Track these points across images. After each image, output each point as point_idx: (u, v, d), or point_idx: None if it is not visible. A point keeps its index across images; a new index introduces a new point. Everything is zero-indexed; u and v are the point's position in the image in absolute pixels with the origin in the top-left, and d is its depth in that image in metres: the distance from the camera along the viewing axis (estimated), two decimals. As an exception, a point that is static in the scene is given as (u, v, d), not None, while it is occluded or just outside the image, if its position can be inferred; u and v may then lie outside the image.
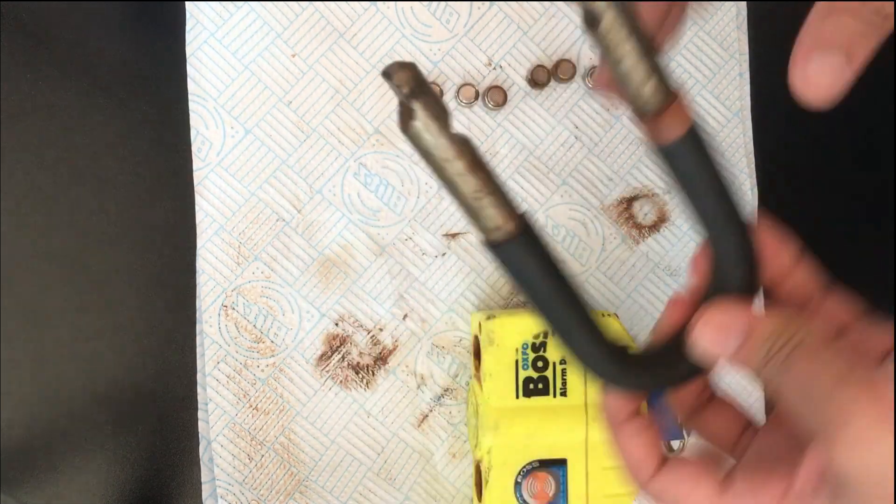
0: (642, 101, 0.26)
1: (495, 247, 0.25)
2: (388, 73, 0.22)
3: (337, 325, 0.47)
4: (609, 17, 0.25)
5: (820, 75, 0.23)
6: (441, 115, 0.23)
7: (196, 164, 0.46)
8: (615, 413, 0.29)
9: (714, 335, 0.25)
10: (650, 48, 0.26)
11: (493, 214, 0.25)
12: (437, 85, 0.47)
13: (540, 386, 0.43)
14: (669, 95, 0.27)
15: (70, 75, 0.46)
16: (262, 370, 0.46)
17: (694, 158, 0.27)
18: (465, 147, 0.24)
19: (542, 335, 0.43)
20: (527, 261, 0.26)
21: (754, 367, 0.24)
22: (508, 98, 0.48)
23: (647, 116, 0.27)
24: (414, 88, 0.22)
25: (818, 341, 0.24)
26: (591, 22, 0.25)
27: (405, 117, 0.23)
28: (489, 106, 0.48)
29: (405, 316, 0.47)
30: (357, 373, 0.47)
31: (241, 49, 0.46)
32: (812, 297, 0.28)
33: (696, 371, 0.28)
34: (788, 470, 0.25)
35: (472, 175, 0.24)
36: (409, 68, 0.22)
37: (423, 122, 0.23)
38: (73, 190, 0.45)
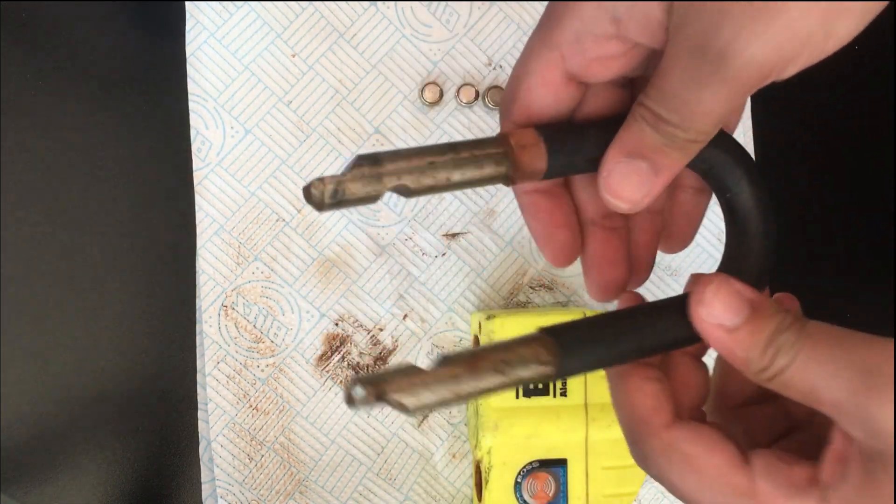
0: (505, 175, 0.24)
1: (560, 375, 0.25)
2: (351, 400, 0.21)
3: (337, 325, 0.47)
4: None
5: (624, 182, 0.24)
6: (412, 380, 0.22)
7: (196, 164, 0.46)
8: None
9: (725, 303, 0.24)
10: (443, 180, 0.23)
11: (526, 365, 0.23)
12: (438, 85, 0.47)
13: (540, 386, 0.43)
14: (503, 152, 0.24)
15: (70, 75, 0.46)
16: (262, 370, 0.46)
17: (588, 149, 0.25)
18: (447, 364, 0.23)
19: (542, 335, 0.43)
20: (587, 352, 0.25)
21: (758, 348, 0.23)
22: (508, 98, 0.48)
23: (517, 175, 0.25)
24: (377, 392, 0.21)
25: (820, 324, 0.23)
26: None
27: (403, 411, 0.22)
28: (489, 106, 0.48)
29: (405, 316, 0.47)
30: (357, 373, 0.47)
31: (241, 49, 0.46)
32: None
33: (692, 340, 0.26)
34: (814, 460, 0.24)
35: (478, 371, 0.23)
36: (363, 386, 0.21)
37: (413, 402, 0.22)
38: (73, 190, 0.45)
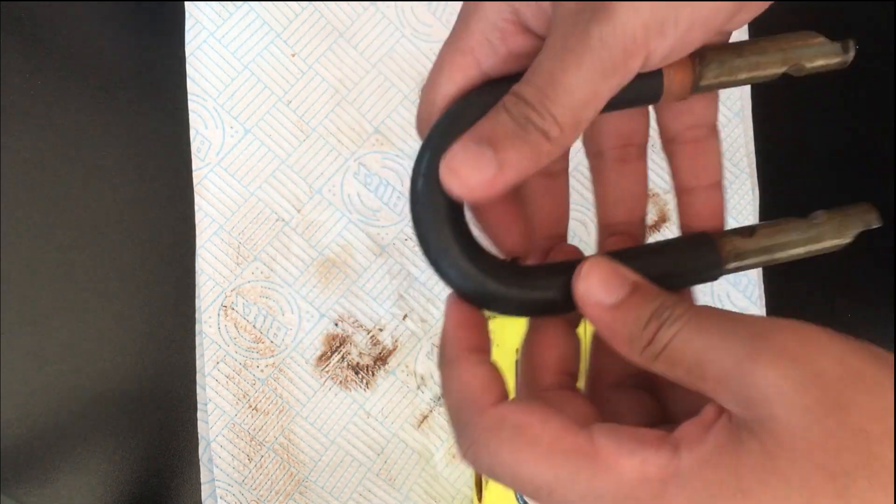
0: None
1: None
2: None
3: (337, 325, 0.47)
4: None
5: (464, 165, 0.21)
6: None
7: (196, 164, 0.46)
8: (458, 341, 0.24)
9: (602, 279, 0.23)
10: None
11: None
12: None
13: (540, 386, 0.42)
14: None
15: (70, 75, 0.46)
16: (262, 370, 0.46)
17: None
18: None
19: (542, 335, 0.43)
20: None
21: (640, 323, 0.22)
22: (508, 98, 0.48)
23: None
24: None
25: (709, 306, 0.22)
26: None
27: None
28: (489, 106, 0.48)
29: (405, 316, 0.47)
30: (357, 373, 0.47)
31: (240, 49, 0.46)
32: None
33: (566, 307, 0.24)
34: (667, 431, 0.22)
35: None
36: None
37: None
38: (73, 190, 0.45)
